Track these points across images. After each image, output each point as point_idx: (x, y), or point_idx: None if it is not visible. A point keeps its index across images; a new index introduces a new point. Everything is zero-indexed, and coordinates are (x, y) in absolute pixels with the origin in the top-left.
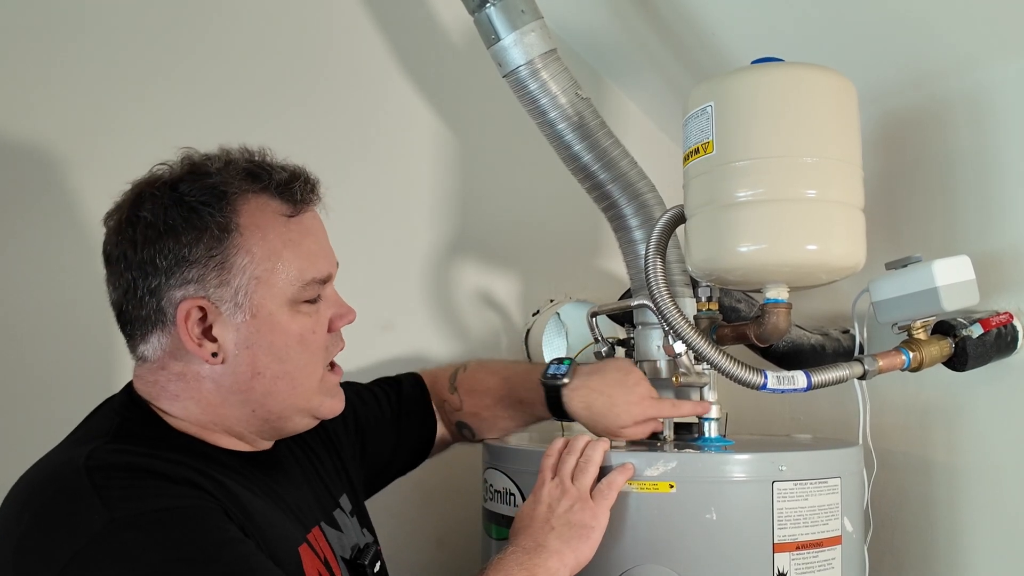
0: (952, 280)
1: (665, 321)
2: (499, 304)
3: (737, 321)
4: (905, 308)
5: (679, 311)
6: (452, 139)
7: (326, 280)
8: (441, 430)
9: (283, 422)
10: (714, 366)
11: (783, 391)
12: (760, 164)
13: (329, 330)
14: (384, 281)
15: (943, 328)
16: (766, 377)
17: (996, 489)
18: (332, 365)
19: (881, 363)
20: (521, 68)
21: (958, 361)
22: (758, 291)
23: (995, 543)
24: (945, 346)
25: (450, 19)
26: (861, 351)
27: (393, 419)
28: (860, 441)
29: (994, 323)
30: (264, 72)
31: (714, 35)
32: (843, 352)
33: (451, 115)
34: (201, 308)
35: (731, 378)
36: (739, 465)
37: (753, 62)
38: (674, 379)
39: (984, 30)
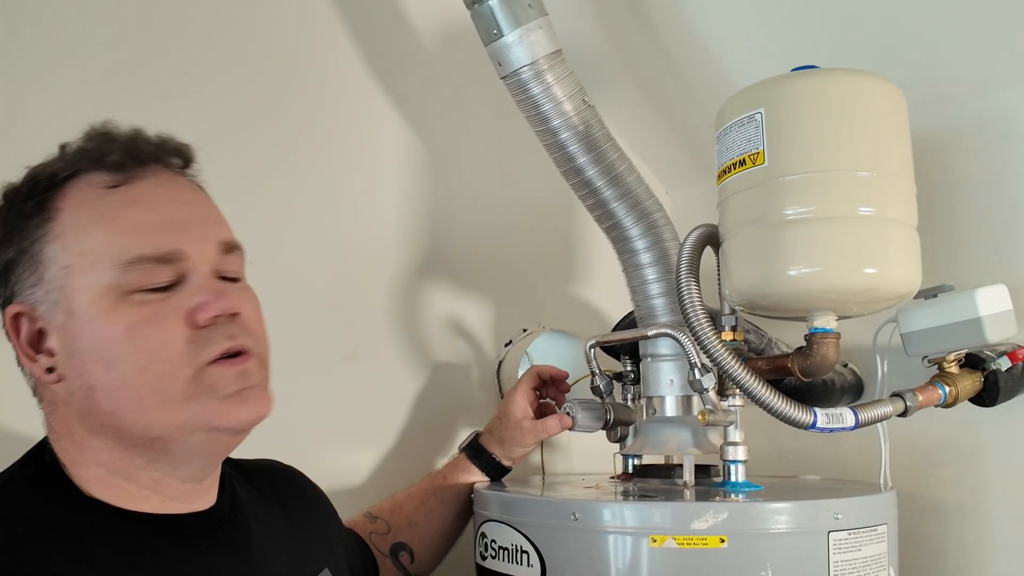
0: (995, 310)
1: (706, 352)
2: (470, 333)
3: (751, 354)
4: (941, 340)
5: (722, 342)
6: (422, 149)
7: (167, 258)
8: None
9: (171, 446)
10: (761, 403)
11: (831, 430)
12: (817, 178)
13: (196, 324)
14: (348, 304)
15: (972, 361)
16: (815, 415)
17: (1017, 531)
18: (238, 354)
19: (921, 398)
20: (524, 69)
21: (988, 395)
22: (785, 319)
23: None
24: (976, 380)
25: (421, 19)
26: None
27: None
28: (881, 482)
29: (1020, 356)
30: (207, 63)
31: (707, 51)
32: (848, 387)
33: (421, 123)
34: (20, 315)
35: (778, 416)
36: (794, 515)
37: (793, 69)
38: (700, 416)
39: (1002, 54)
